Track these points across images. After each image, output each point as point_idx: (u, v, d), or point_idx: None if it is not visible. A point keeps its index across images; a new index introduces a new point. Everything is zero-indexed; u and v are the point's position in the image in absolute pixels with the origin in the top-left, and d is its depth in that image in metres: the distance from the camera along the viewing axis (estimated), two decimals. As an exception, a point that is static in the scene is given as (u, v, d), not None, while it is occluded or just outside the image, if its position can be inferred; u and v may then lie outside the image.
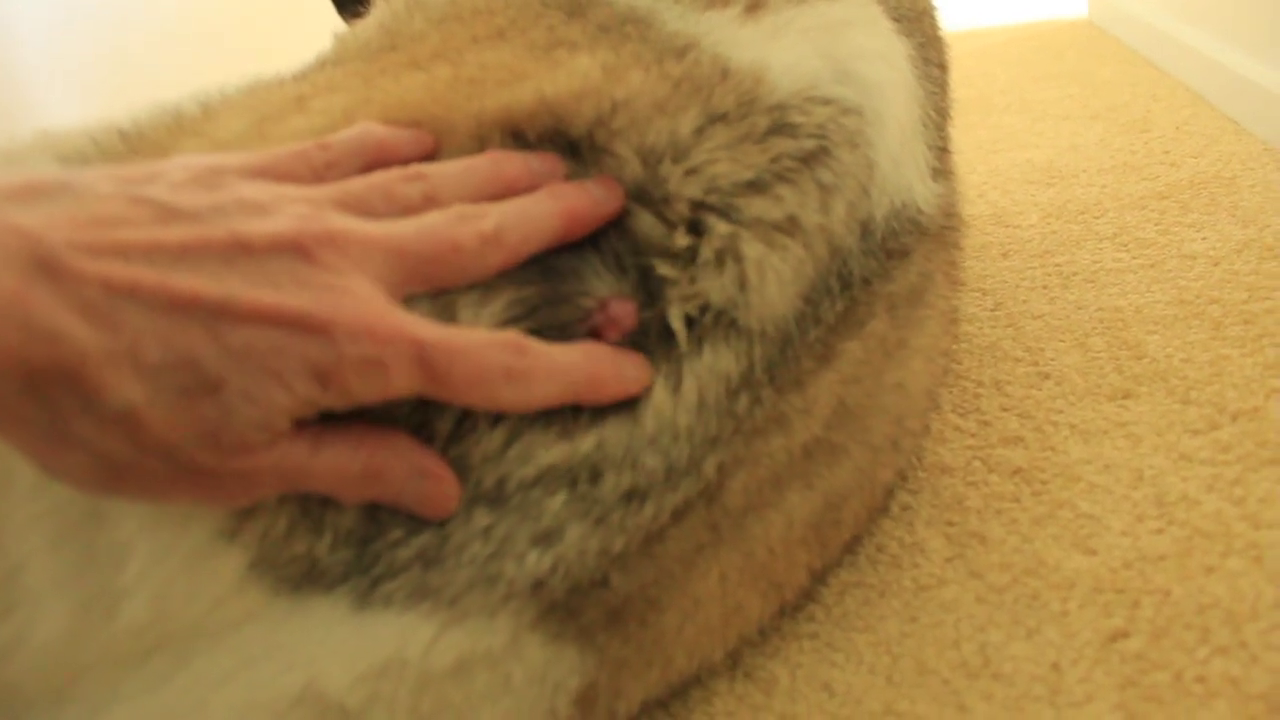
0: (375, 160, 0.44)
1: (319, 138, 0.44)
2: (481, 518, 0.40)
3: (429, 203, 0.41)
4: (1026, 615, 0.49)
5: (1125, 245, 0.83)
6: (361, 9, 0.66)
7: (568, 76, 0.47)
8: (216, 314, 0.33)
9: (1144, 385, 0.64)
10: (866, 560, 0.56)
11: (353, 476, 0.38)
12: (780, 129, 0.46)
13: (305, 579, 0.39)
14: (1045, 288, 0.80)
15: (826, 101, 0.48)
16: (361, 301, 0.36)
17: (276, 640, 0.39)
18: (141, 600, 0.38)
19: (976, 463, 0.61)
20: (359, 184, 0.41)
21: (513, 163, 0.44)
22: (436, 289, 0.40)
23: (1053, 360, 0.70)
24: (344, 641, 0.39)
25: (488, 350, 0.39)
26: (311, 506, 0.39)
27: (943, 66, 0.69)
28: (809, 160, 0.46)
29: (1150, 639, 0.46)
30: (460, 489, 0.40)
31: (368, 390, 0.36)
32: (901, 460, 0.55)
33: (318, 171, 0.42)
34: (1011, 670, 0.47)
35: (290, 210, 0.38)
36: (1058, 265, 0.83)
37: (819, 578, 0.54)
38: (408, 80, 0.50)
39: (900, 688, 0.48)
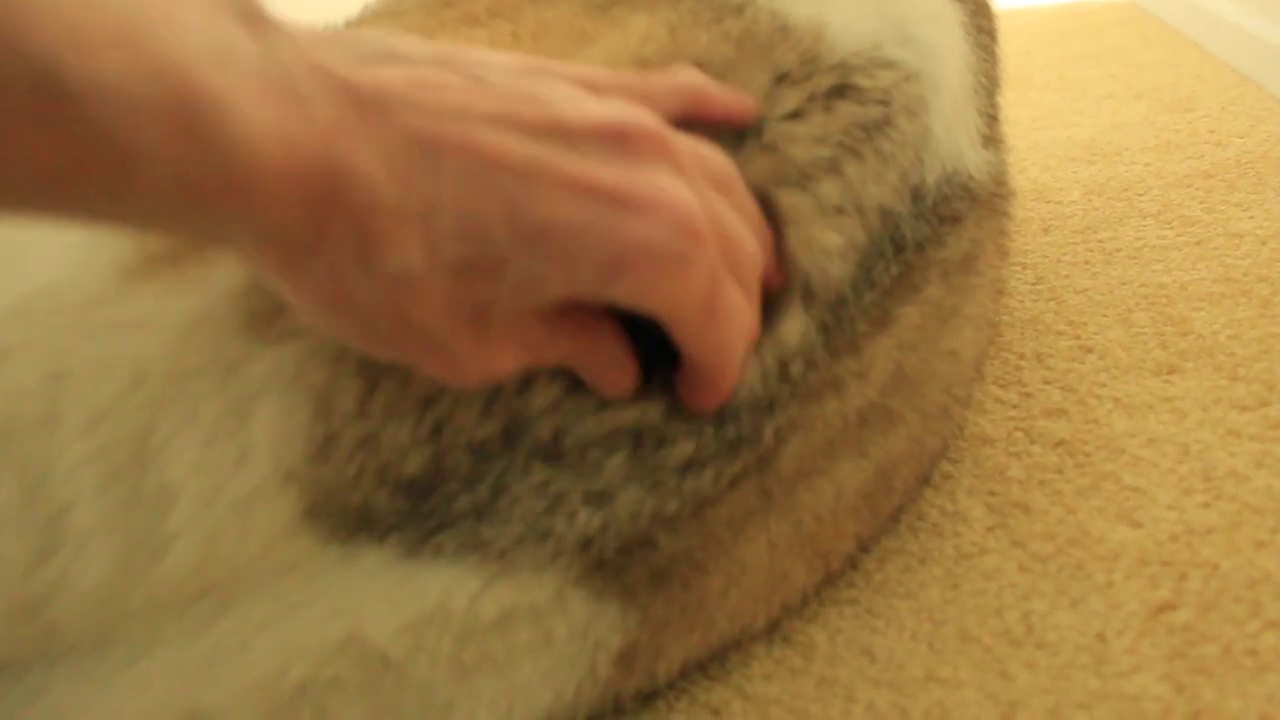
0: (693, 104, 0.42)
1: None
2: (538, 472, 0.40)
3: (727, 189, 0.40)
4: (1071, 585, 0.49)
5: (1169, 223, 0.82)
6: None
7: (638, 38, 0.47)
8: (522, 180, 0.32)
9: (1190, 361, 0.63)
10: (907, 528, 0.56)
11: (562, 356, 0.38)
12: (845, 91, 0.46)
13: (359, 528, 0.39)
14: (1087, 263, 0.79)
15: (890, 65, 0.47)
16: (681, 196, 0.34)
17: (322, 587, 0.39)
18: (189, 544, 0.37)
19: (1019, 434, 0.61)
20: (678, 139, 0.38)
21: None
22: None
23: (1095, 335, 0.69)
24: (390, 591, 0.39)
25: (744, 329, 0.39)
26: (378, 456, 0.39)
27: (992, 34, 0.68)
28: (872, 130, 0.46)
29: (1198, 612, 0.45)
30: (636, 377, 0.40)
31: (660, 288, 0.34)
32: (950, 429, 0.55)
33: (633, 98, 0.39)
34: (1056, 639, 0.46)
35: (613, 103, 0.36)
36: (1100, 241, 0.82)
37: (864, 546, 0.53)
38: (468, 36, 0.49)
39: (942, 654, 0.47)
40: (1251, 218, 0.79)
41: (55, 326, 0.39)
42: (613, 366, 0.39)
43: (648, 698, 0.48)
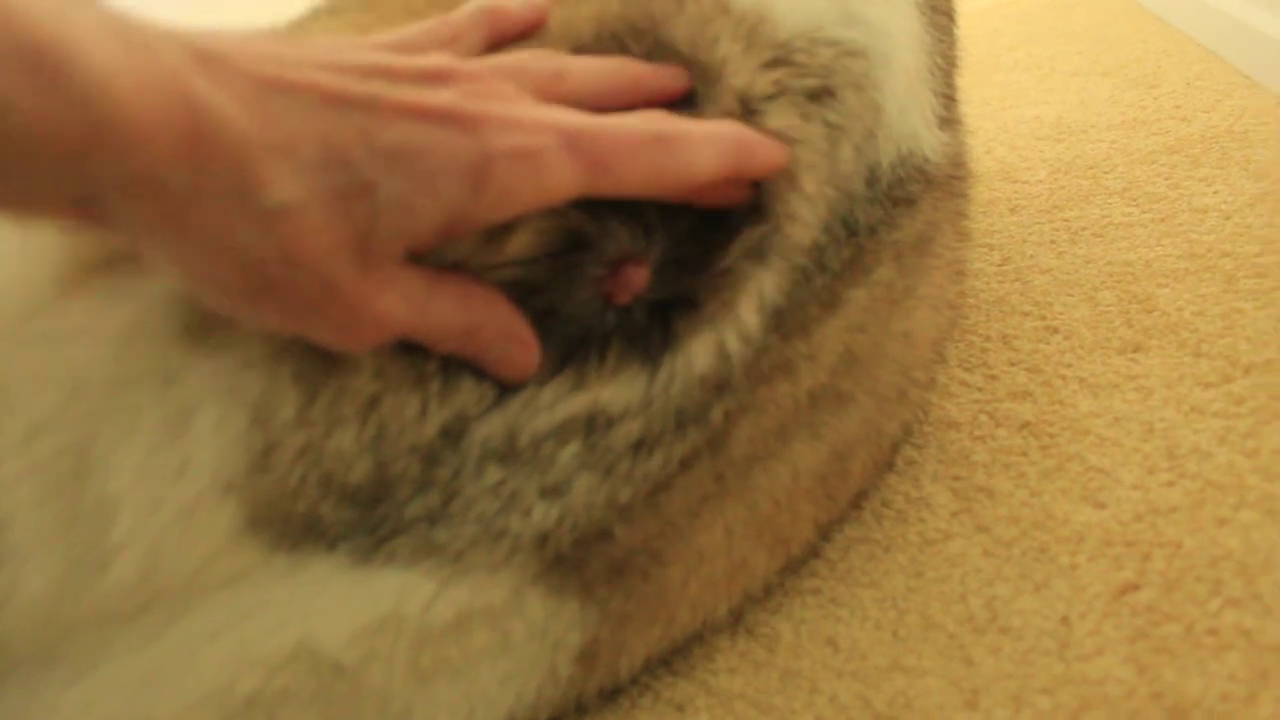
0: (495, 25, 0.44)
1: None
2: (492, 473, 0.39)
3: (558, 79, 0.41)
4: (1035, 569, 0.48)
5: (1135, 200, 0.82)
6: None
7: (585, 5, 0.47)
8: (365, 110, 0.34)
9: (1154, 339, 0.63)
10: (871, 515, 0.55)
11: (454, 331, 0.38)
12: (784, 63, 0.45)
13: (305, 536, 0.38)
14: (1053, 243, 0.79)
15: (832, 43, 0.47)
16: (506, 99, 0.37)
17: (270, 596, 0.38)
18: (132, 555, 0.37)
19: (983, 417, 0.60)
20: (491, 59, 0.41)
21: (637, 64, 0.44)
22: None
23: (1061, 314, 0.68)
24: (340, 598, 0.39)
25: (633, 121, 0.38)
26: (320, 465, 0.38)
27: (950, 15, 0.68)
28: (815, 97, 0.45)
29: (1161, 591, 0.45)
30: (539, 358, 0.40)
31: (522, 187, 0.36)
32: (908, 412, 0.54)
33: (444, 43, 0.42)
34: (1020, 624, 0.46)
35: (432, 55, 0.38)
36: (1066, 220, 0.82)
37: (825, 533, 0.53)
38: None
39: (906, 643, 0.47)
40: (1215, 193, 0.79)
41: None
42: (511, 341, 0.39)
43: (611, 695, 0.48)
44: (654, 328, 0.41)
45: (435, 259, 0.38)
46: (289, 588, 0.38)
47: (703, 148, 0.39)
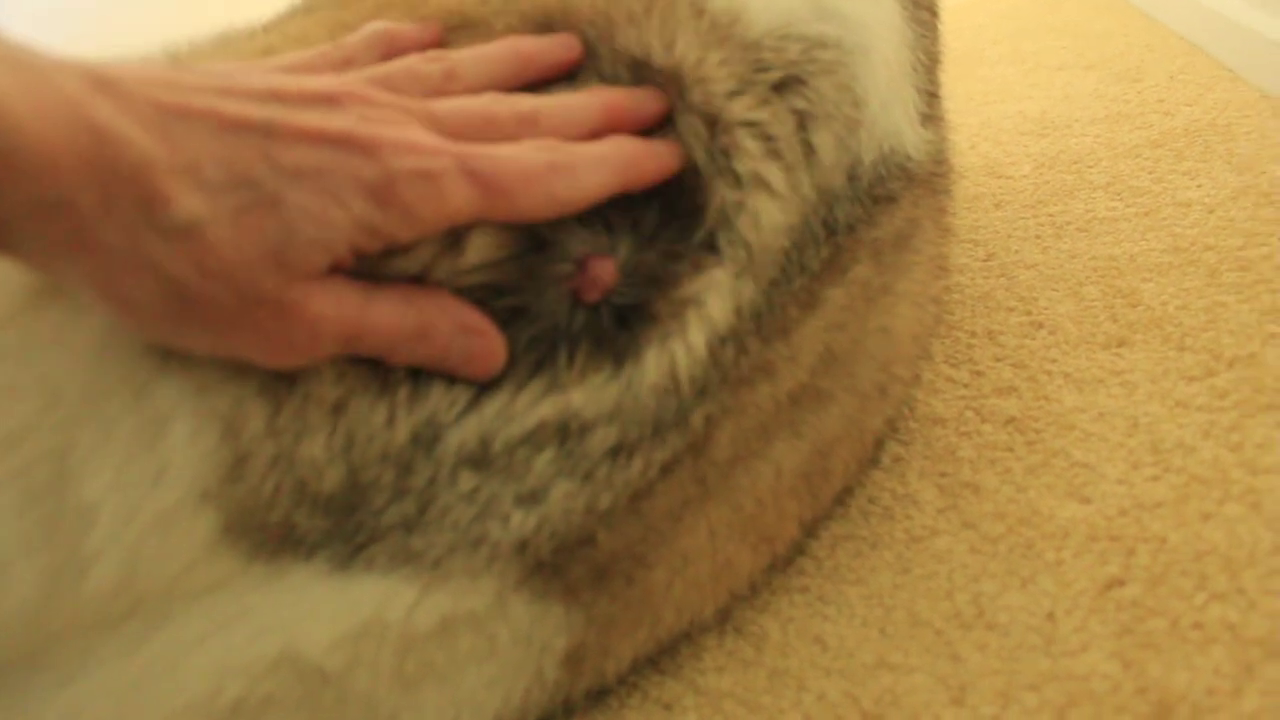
0: (388, 53, 0.44)
1: None
2: (467, 480, 0.39)
3: (450, 80, 0.42)
4: (1021, 565, 0.48)
5: (1119, 194, 0.82)
6: None
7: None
8: (265, 134, 0.34)
9: (1139, 333, 0.63)
10: (858, 512, 0.55)
11: (404, 334, 0.38)
12: (750, 60, 0.45)
13: (282, 545, 0.38)
14: (1038, 238, 0.79)
15: (801, 38, 0.47)
16: (401, 125, 0.37)
17: (251, 603, 0.38)
18: (110, 563, 0.37)
19: (969, 413, 0.60)
20: (382, 68, 0.42)
21: (527, 42, 0.45)
22: None
23: (1046, 309, 0.68)
24: (322, 604, 0.38)
25: (526, 151, 0.39)
26: (293, 473, 0.38)
27: (933, 10, 0.68)
28: (780, 87, 0.45)
29: (1146, 586, 0.45)
30: (506, 347, 0.40)
31: (425, 205, 0.36)
32: (890, 408, 0.54)
33: (337, 67, 0.43)
34: (1006, 620, 0.46)
35: (324, 78, 0.39)
36: (1051, 215, 0.82)
37: (809, 530, 0.53)
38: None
39: (893, 640, 0.47)
40: (1199, 186, 0.79)
41: None
42: (470, 334, 0.39)
43: (599, 695, 0.48)
44: (620, 332, 0.41)
45: (396, 272, 0.39)
46: (269, 595, 0.38)
47: (593, 172, 0.40)
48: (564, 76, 0.45)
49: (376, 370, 0.39)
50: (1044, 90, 1.13)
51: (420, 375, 0.39)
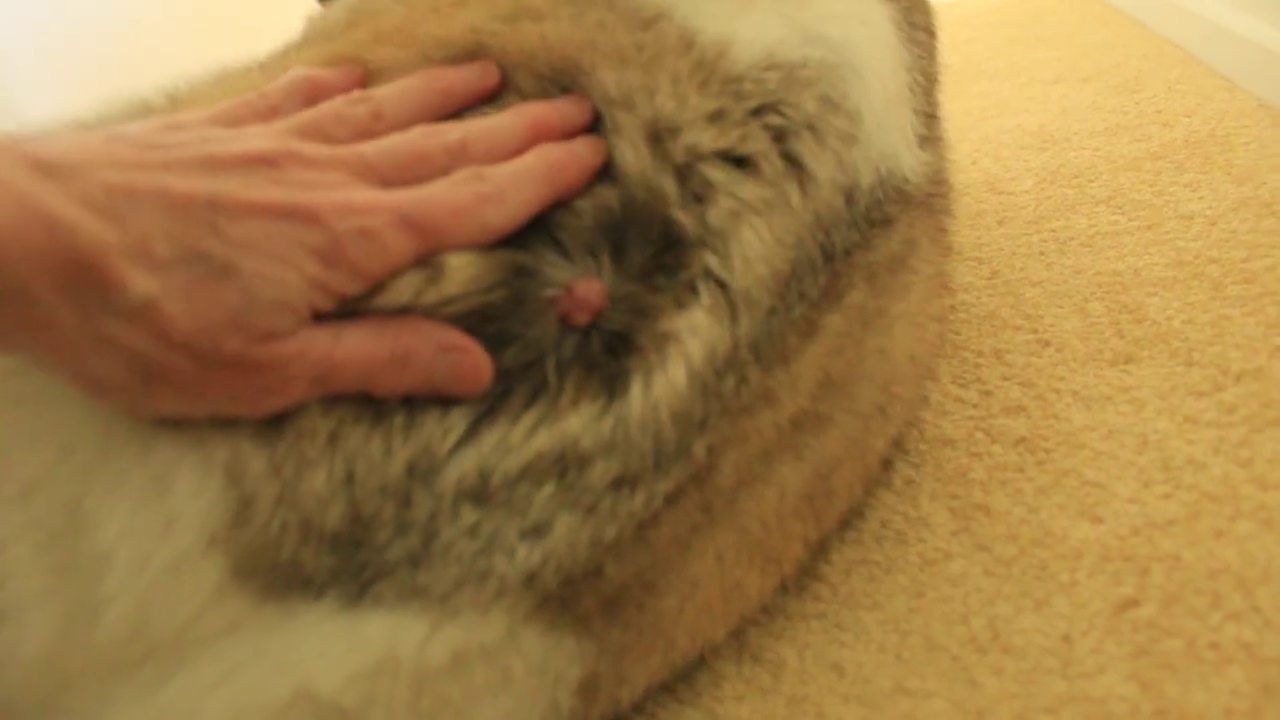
0: (312, 98, 0.45)
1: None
2: (468, 515, 0.39)
3: (376, 120, 0.43)
4: (1035, 587, 0.48)
5: (1121, 208, 0.82)
6: None
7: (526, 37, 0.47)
8: (211, 209, 0.35)
9: (1145, 349, 0.63)
10: (871, 536, 0.55)
11: (381, 362, 0.38)
12: (730, 95, 0.46)
13: (291, 585, 0.38)
14: (1042, 254, 0.79)
15: (783, 65, 0.47)
16: (336, 187, 0.38)
17: (264, 645, 0.38)
18: (123, 609, 0.37)
19: (979, 434, 0.60)
20: (308, 114, 0.43)
21: (446, 74, 0.46)
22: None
23: (1052, 327, 0.69)
24: (333, 642, 0.38)
25: (454, 189, 0.40)
26: (298, 509, 0.38)
27: (929, 31, 0.68)
28: (758, 112, 0.46)
29: (1161, 606, 0.45)
30: (490, 362, 0.40)
31: (370, 260, 0.38)
32: (893, 428, 0.54)
33: (263, 115, 0.44)
34: (1022, 643, 0.46)
35: (250, 137, 0.39)
36: (1053, 230, 0.82)
37: (816, 550, 0.53)
38: (377, 55, 0.49)
39: (910, 665, 0.47)
40: (1201, 198, 0.79)
41: None
42: (451, 352, 0.39)
43: (616, 725, 0.48)
44: (611, 360, 0.41)
45: (379, 308, 0.39)
46: (281, 636, 0.38)
47: (520, 192, 0.41)
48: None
49: (368, 400, 0.39)
50: (1041, 104, 1.13)
51: (415, 404, 0.40)
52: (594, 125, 0.45)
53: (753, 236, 0.44)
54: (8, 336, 0.33)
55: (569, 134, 0.44)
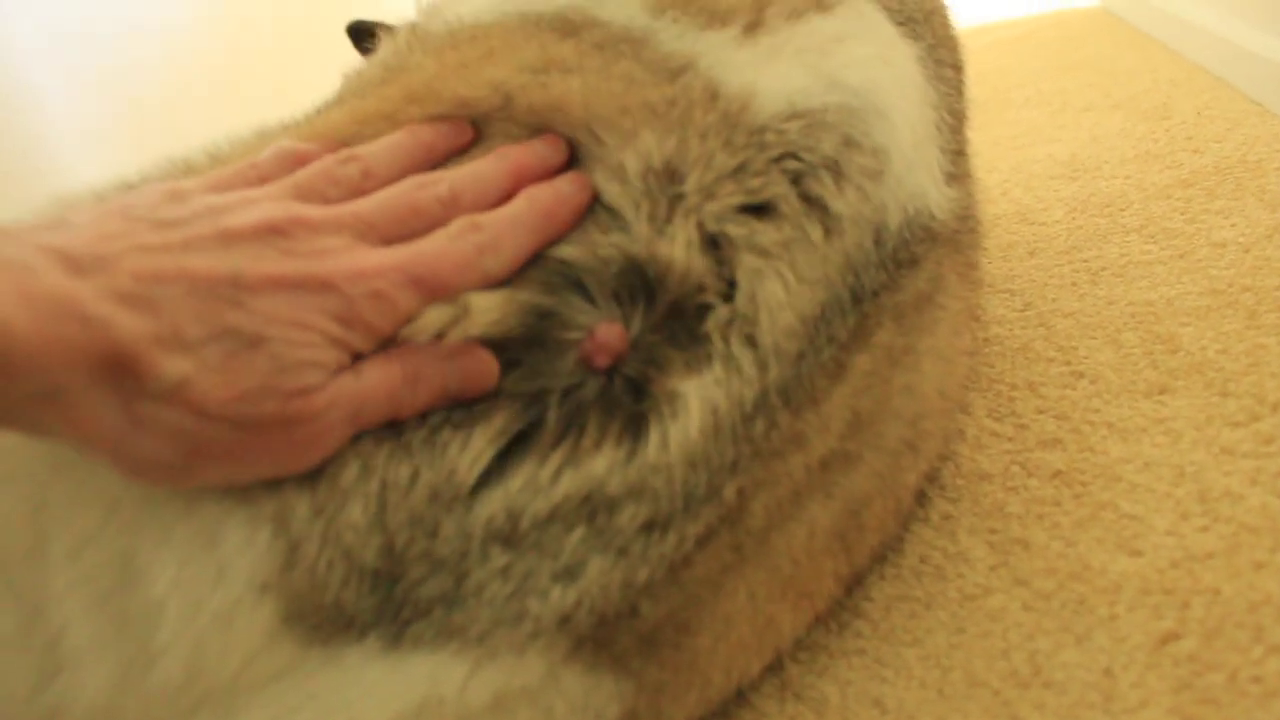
0: (296, 164, 0.47)
1: None
2: (498, 557, 0.40)
3: (367, 178, 0.46)
4: (1075, 621, 0.48)
5: (1153, 236, 0.82)
6: (372, 45, 0.66)
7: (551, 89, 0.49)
8: (234, 286, 0.37)
9: (1180, 379, 0.63)
10: (910, 572, 0.56)
11: (399, 388, 0.40)
12: (754, 145, 0.47)
13: (335, 627, 0.39)
14: (1074, 284, 0.79)
15: (804, 114, 0.48)
16: (344, 252, 0.41)
17: (312, 689, 0.39)
18: (176, 659, 0.38)
19: (1015, 467, 0.60)
20: (302, 174, 0.45)
21: (425, 129, 0.49)
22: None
23: (1086, 359, 0.69)
24: (378, 684, 0.39)
25: (454, 243, 0.43)
26: (340, 544, 0.39)
27: (956, 67, 0.69)
28: (778, 160, 0.47)
29: (1202, 640, 0.45)
30: (494, 360, 0.42)
31: (382, 319, 0.40)
32: (924, 463, 0.55)
33: (253, 184, 0.45)
34: (1063, 678, 0.46)
35: (255, 204, 0.41)
36: (1085, 261, 0.82)
37: (850, 585, 0.53)
38: (405, 113, 0.51)
39: (952, 700, 0.47)
40: (1233, 225, 0.79)
41: (29, 459, 0.40)
42: (454, 358, 0.41)
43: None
44: (633, 405, 0.42)
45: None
46: (327, 680, 0.39)
47: (514, 237, 0.44)
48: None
49: (390, 425, 0.41)
50: (1072, 132, 1.14)
51: (432, 423, 0.41)
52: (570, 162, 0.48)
53: (777, 286, 0.44)
54: (49, 430, 0.34)
55: (548, 176, 0.47)
